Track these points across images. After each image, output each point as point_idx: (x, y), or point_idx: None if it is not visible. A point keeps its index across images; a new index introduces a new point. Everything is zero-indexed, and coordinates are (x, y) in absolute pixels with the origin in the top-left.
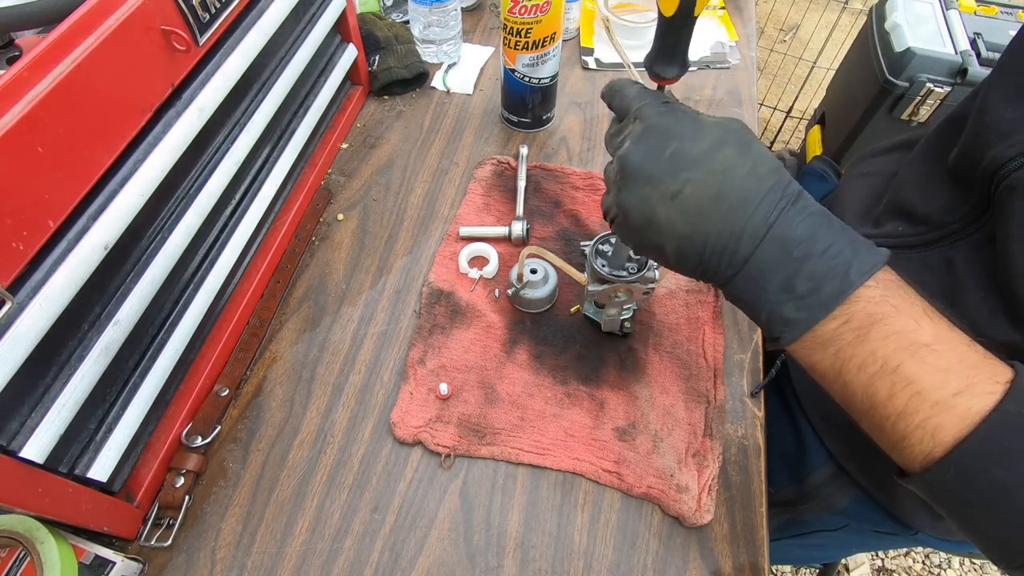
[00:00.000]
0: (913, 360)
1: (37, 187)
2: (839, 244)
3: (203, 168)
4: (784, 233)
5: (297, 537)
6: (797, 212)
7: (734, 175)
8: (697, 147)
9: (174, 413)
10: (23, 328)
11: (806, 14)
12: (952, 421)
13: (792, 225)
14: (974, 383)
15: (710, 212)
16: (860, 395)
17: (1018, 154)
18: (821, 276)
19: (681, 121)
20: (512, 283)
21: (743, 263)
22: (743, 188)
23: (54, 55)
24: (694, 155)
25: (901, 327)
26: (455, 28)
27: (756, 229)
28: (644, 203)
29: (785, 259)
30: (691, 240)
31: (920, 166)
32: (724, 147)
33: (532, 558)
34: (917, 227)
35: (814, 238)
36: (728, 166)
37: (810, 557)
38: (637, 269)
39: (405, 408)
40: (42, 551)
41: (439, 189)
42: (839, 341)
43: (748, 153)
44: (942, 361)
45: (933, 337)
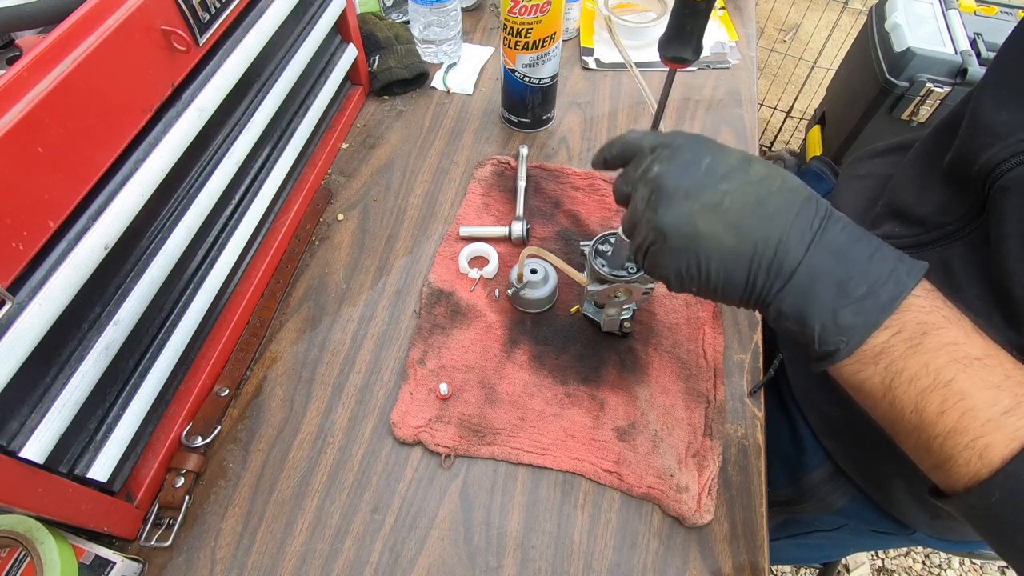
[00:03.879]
0: (965, 374)
1: (37, 187)
2: (883, 252)
3: (203, 168)
4: (832, 239)
5: (297, 537)
6: (836, 222)
7: (771, 184)
8: (729, 161)
9: (174, 413)
10: (23, 328)
11: (806, 14)
12: (1002, 441)
13: (836, 233)
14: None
15: (754, 220)
16: (910, 411)
17: (1011, 155)
18: (875, 278)
19: (706, 141)
20: (512, 283)
21: (791, 273)
22: (781, 195)
23: (54, 55)
24: (730, 166)
25: (953, 338)
26: (455, 28)
27: (802, 234)
28: (685, 219)
29: (838, 263)
30: (737, 253)
31: (915, 168)
32: (754, 162)
33: (532, 558)
34: (912, 228)
35: (858, 246)
36: (763, 176)
37: (808, 557)
38: (637, 269)
39: (405, 408)
40: (42, 551)
41: (439, 189)
42: (891, 353)
43: (776, 170)
44: (993, 376)
45: (983, 351)
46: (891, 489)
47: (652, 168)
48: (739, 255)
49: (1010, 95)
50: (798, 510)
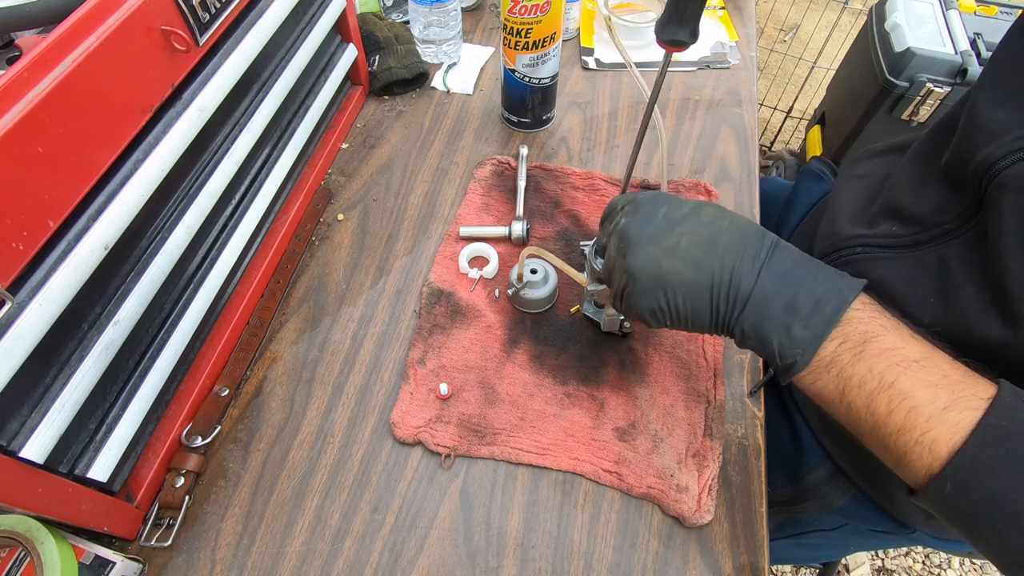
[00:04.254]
0: (906, 375)
1: (37, 187)
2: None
3: (203, 168)
4: (777, 265)
5: (297, 537)
6: (782, 250)
7: (720, 225)
8: (683, 208)
9: (174, 413)
10: (23, 328)
11: (806, 14)
12: (945, 435)
13: (782, 260)
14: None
15: (708, 256)
16: (863, 413)
17: (1007, 153)
18: (819, 296)
19: (664, 195)
20: (512, 283)
21: (747, 298)
22: (730, 234)
23: (54, 55)
24: (683, 213)
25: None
26: (455, 28)
27: (752, 263)
28: (650, 260)
29: (783, 286)
30: (698, 284)
31: (913, 168)
32: (705, 207)
33: (532, 558)
34: (910, 227)
35: (803, 270)
36: (712, 219)
37: (808, 557)
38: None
39: (405, 408)
40: (42, 551)
41: (439, 189)
42: (840, 361)
43: (726, 212)
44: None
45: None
46: (890, 488)
47: (620, 221)
48: (700, 286)
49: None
50: (798, 510)
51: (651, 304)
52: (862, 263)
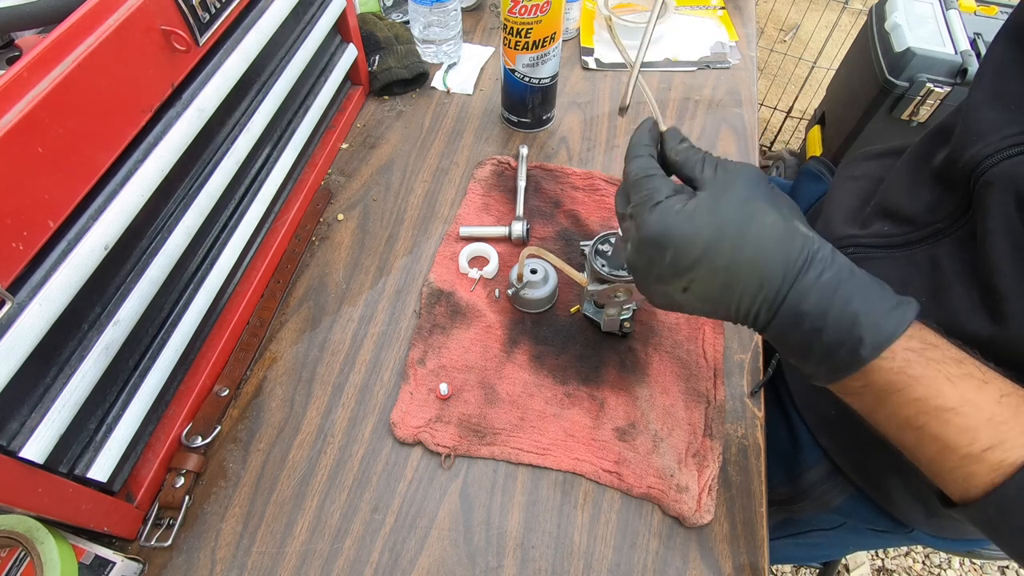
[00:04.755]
0: (937, 422)
1: (37, 187)
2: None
3: (203, 168)
4: (795, 307)
5: (297, 537)
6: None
7: (738, 267)
8: (693, 251)
9: (174, 413)
10: (23, 328)
11: (806, 14)
12: (984, 471)
13: (803, 297)
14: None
15: (723, 297)
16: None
17: (995, 151)
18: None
19: (672, 225)
20: (512, 283)
21: (765, 327)
22: (748, 275)
23: (54, 55)
24: (693, 258)
25: (921, 395)
26: (455, 28)
27: (765, 309)
28: (662, 295)
29: (798, 332)
30: (714, 314)
31: (908, 170)
32: (718, 244)
33: (532, 558)
34: (902, 227)
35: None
36: (728, 262)
37: (807, 556)
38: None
39: (405, 408)
40: (42, 551)
41: (439, 189)
42: (863, 396)
43: (744, 243)
44: (969, 422)
45: (958, 402)
46: (888, 487)
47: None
48: (716, 313)
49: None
50: (796, 509)
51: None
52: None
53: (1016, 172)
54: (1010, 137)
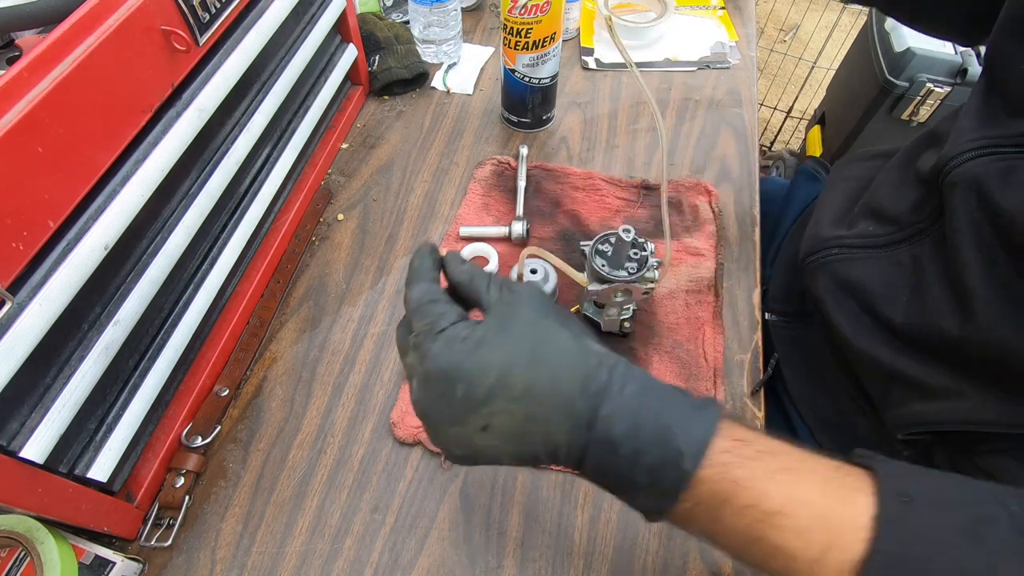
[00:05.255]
0: (772, 530)
1: (37, 187)
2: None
3: (203, 168)
4: (605, 435)
5: (297, 537)
6: (612, 404)
7: (535, 395)
8: (486, 381)
9: (174, 413)
10: (23, 328)
11: (806, 14)
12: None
13: (612, 423)
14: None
15: (527, 432)
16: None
17: (959, 152)
18: (657, 469)
19: (458, 356)
20: None
21: (581, 460)
22: (550, 398)
23: (54, 55)
24: (487, 388)
25: (748, 501)
26: (455, 28)
27: (576, 438)
28: (460, 439)
29: (616, 459)
30: (522, 455)
31: (896, 172)
32: (513, 370)
33: (532, 558)
34: (887, 227)
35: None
36: (526, 389)
37: None
38: (637, 269)
39: (405, 408)
40: (42, 551)
41: (439, 189)
42: (699, 520)
43: (540, 366)
44: (799, 522)
45: (783, 501)
46: None
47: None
48: (524, 456)
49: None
50: None
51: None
52: (839, 264)
53: (976, 173)
54: (975, 140)
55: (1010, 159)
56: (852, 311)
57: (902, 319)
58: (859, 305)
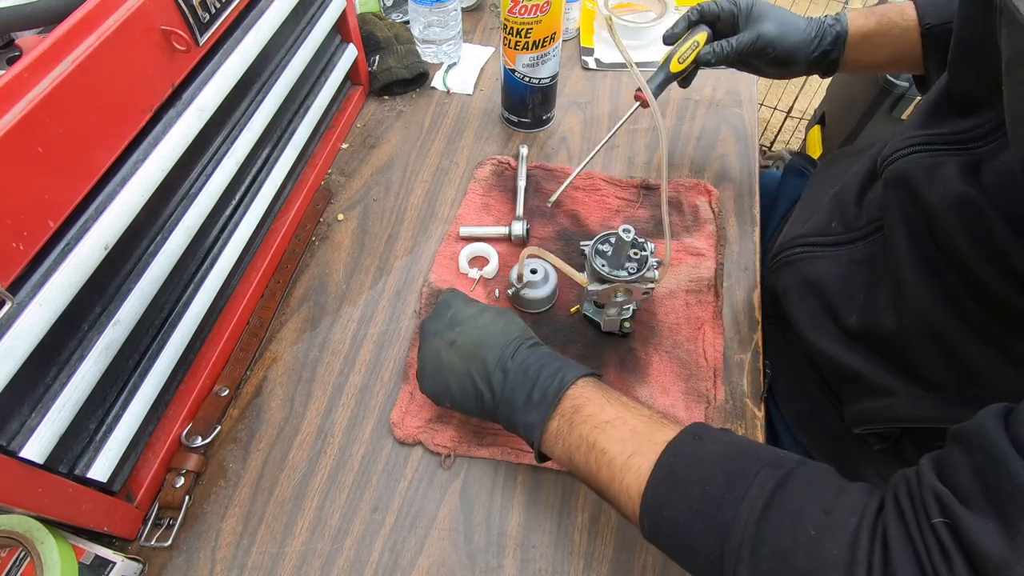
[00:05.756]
0: (602, 435)
1: (37, 187)
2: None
3: (203, 168)
4: (524, 362)
5: (297, 537)
6: (532, 351)
7: (491, 329)
8: (467, 312)
9: (174, 413)
10: (23, 328)
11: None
12: (633, 480)
13: (529, 358)
14: (641, 446)
15: (475, 353)
16: (586, 474)
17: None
18: (547, 386)
19: (456, 297)
20: (512, 283)
21: (500, 391)
22: (497, 337)
23: (54, 55)
24: (465, 315)
25: (591, 411)
26: (455, 28)
27: (505, 362)
28: (434, 351)
29: (526, 379)
30: (466, 375)
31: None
32: (485, 312)
33: (532, 558)
34: (848, 224)
35: (543, 366)
36: (487, 324)
37: None
38: (637, 269)
39: (405, 408)
40: (42, 551)
41: (439, 189)
42: (562, 433)
43: (501, 318)
44: (619, 432)
45: (613, 415)
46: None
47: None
48: (467, 376)
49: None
50: None
51: (434, 388)
52: (801, 262)
53: (905, 169)
54: (910, 138)
55: (939, 156)
56: (812, 310)
57: (855, 318)
58: (818, 303)
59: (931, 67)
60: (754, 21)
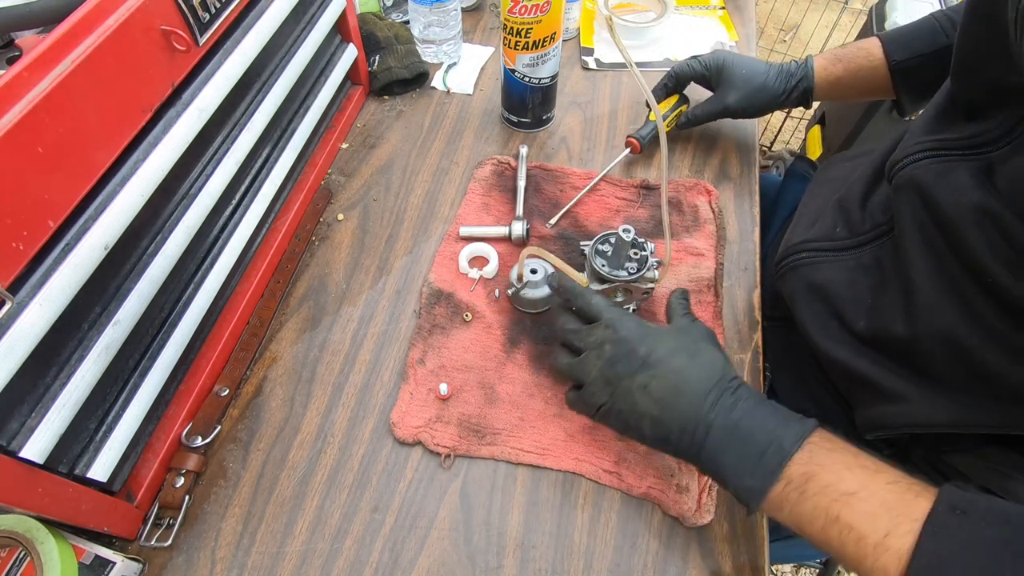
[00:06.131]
0: (847, 509)
1: (37, 187)
2: (771, 422)
3: (203, 168)
4: (727, 421)
5: (297, 537)
6: (735, 401)
7: (688, 375)
8: (660, 351)
9: (174, 413)
10: (23, 328)
11: (806, 14)
12: (892, 560)
13: (732, 413)
14: (898, 524)
15: (671, 401)
16: (821, 543)
17: (903, 156)
18: (764, 449)
19: (646, 331)
20: (512, 283)
21: (702, 445)
22: (695, 383)
23: (54, 55)
24: (658, 357)
25: (828, 481)
26: (455, 28)
27: (706, 418)
28: (627, 395)
29: (732, 440)
30: (661, 421)
31: (868, 173)
32: (679, 352)
33: (532, 558)
34: (854, 229)
35: (752, 421)
36: (682, 367)
37: (798, 555)
38: (637, 269)
39: (405, 408)
40: (42, 551)
41: (439, 189)
42: (788, 501)
43: (697, 357)
44: (868, 506)
45: (856, 486)
46: None
47: (605, 348)
48: (664, 423)
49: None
50: None
51: (621, 426)
52: (806, 267)
53: (916, 175)
54: (920, 143)
55: (950, 162)
56: (819, 315)
57: (864, 323)
58: (826, 308)
59: (903, 97)
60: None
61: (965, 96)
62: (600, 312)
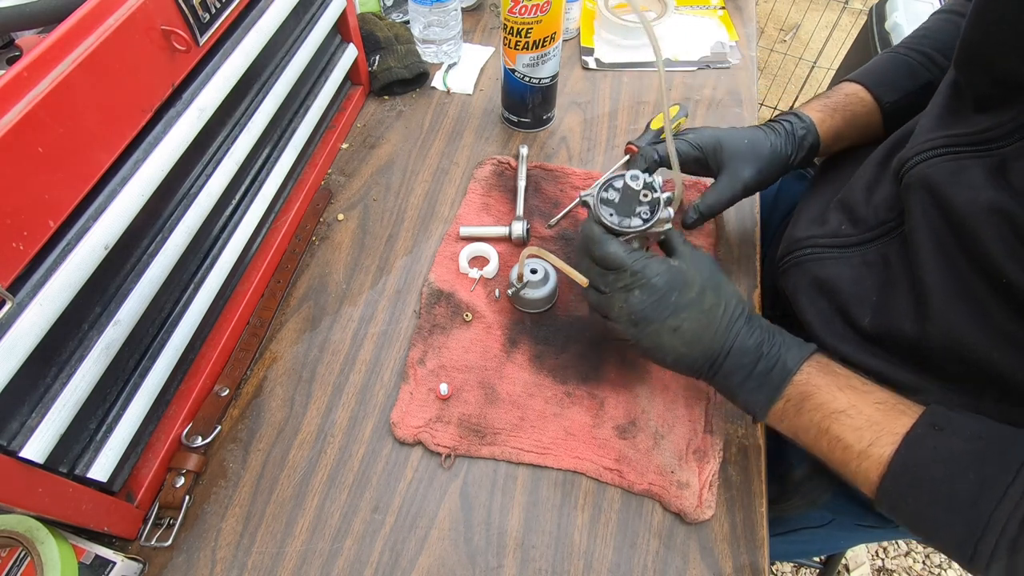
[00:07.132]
0: (836, 424)
1: (37, 187)
2: (778, 346)
3: (203, 168)
4: (743, 345)
5: (297, 537)
6: (750, 328)
7: (715, 313)
8: (689, 295)
9: (174, 413)
10: (23, 328)
11: (806, 14)
12: (873, 466)
13: (748, 338)
14: (880, 436)
15: (700, 338)
16: (814, 451)
17: (915, 154)
18: (770, 370)
19: (674, 276)
20: (512, 283)
21: (720, 367)
22: (721, 322)
23: (54, 55)
24: (689, 299)
25: (822, 400)
26: (455, 28)
27: (726, 346)
28: (654, 336)
29: (746, 361)
30: (688, 356)
31: (871, 170)
32: (707, 292)
33: (532, 558)
34: (859, 226)
35: (761, 346)
36: (710, 306)
37: (800, 552)
38: (650, 213)
39: (405, 408)
40: (42, 551)
41: (439, 189)
42: (787, 415)
43: (721, 294)
44: (855, 422)
45: (846, 404)
46: None
47: (633, 292)
48: (689, 357)
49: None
50: (785, 507)
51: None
52: (811, 263)
53: (927, 174)
54: (930, 141)
55: (962, 159)
56: (823, 311)
57: (870, 320)
58: (830, 305)
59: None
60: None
61: (972, 87)
62: (622, 263)
